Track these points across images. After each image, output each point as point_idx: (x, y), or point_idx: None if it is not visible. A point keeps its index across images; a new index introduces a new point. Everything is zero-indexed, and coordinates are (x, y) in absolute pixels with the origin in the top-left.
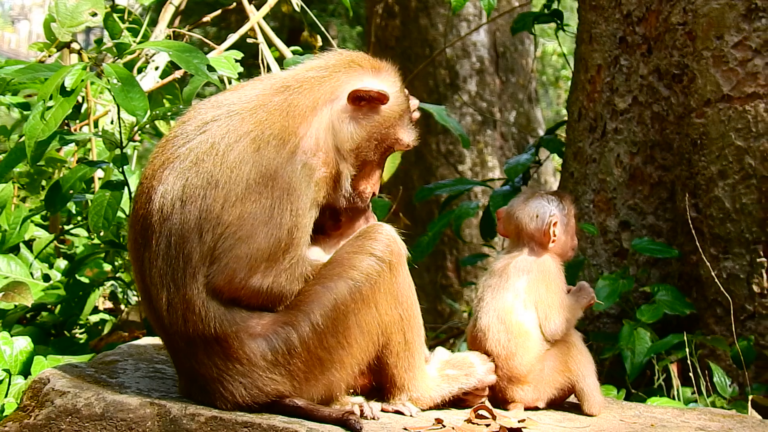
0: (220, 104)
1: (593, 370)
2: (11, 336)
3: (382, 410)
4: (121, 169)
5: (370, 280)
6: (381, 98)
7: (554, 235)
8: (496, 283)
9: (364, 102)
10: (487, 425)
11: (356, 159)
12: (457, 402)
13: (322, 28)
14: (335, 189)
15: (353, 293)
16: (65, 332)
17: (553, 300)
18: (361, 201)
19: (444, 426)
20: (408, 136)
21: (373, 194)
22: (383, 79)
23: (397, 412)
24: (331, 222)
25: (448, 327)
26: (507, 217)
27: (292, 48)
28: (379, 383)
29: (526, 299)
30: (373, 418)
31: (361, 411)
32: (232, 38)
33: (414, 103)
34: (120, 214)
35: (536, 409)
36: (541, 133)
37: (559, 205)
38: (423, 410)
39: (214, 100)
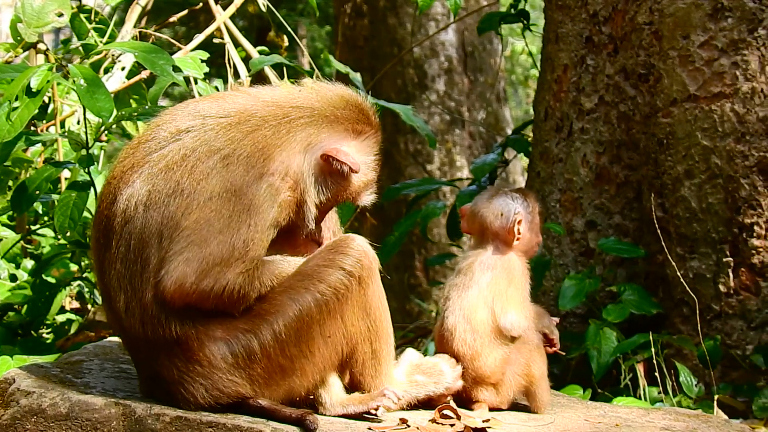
0: (197, 114)
1: (546, 372)
2: None
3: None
4: (87, 170)
5: (338, 294)
6: (351, 170)
7: (519, 233)
8: (461, 281)
9: (335, 167)
10: (452, 425)
11: (318, 206)
12: (423, 402)
13: (289, 29)
14: (297, 215)
15: (319, 305)
16: (32, 332)
17: (513, 295)
18: (317, 233)
19: (408, 426)
20: (367, 200)
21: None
22: (362, 144)
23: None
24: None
25: (416, 326)
26: (471, 215)
27: (259, 48)
28: (348, 386)
29: (487, 296)
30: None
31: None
32: (198, 38)
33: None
34: (86, 214)
35: (500, 409)
36: (510, 132)
37: (523, 203)
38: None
39: (192, 107)
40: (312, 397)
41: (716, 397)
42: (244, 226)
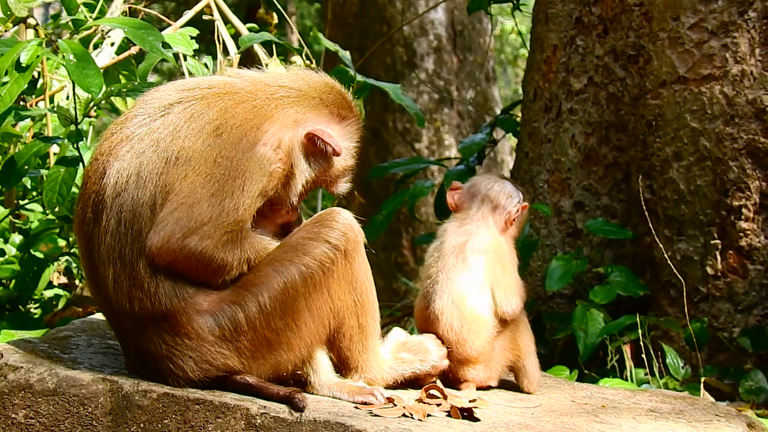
0: (185, 88)
1: (534, 349)
2: None
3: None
4: (76, 145)
5: (323, 267)
6: (334, 153)
7: (514, 221)
8: (451, 264)
9: (319, 147)
10: (438, 405)
11: (303, 185)
12: (410, 381)
13: (279, 6)
14: (284, 187)
15: (304, 278)
16: (20, 307)
17: (511, 281)
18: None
19: (395, 405)
20: (342, 188)
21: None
22: (345, 129)
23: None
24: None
25: (402, 305)
26: (470, 190)
27: (248, 25)
28: (336, 362)
29: (483, 282)
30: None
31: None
32: (188, 15)
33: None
34: (75, 189)
35: (488, 388)
36: (498, 112)
37: (523, 196)
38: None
39: (179, 84)
40: (300, 373)
41: (703, 379)
42: (237, 190)
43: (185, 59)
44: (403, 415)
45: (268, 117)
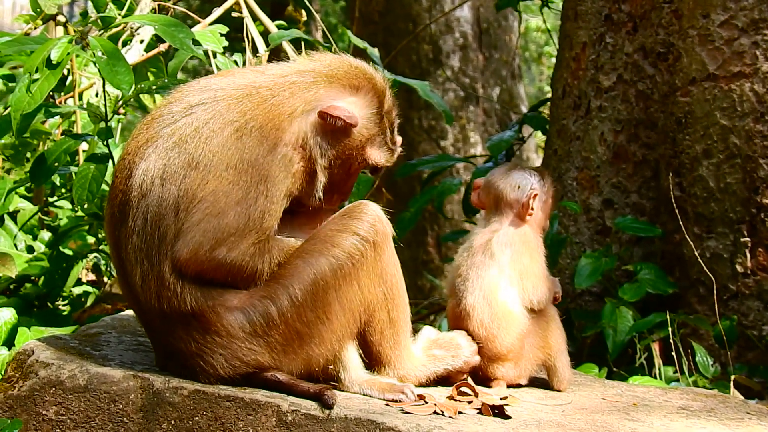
0: (208, 88)
1: (566, 347)
2: None
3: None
4: (105, 142)
5: (353, 258)
6: (347, 124)
7: (532, 209)
8: (480, 261)
9: (329, 123)
10: (469, 402)
11: (329, 170)
12: (441, 379)
13: (307, 3)
14: (308, 185)
15: (334, 270)
16: (48, 304)
17: (537, 270)
18: (329, 205)
19: (426, 402)
20: (379, 157)
21: (341, 201)
22: (360, 98)
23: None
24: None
25: (429, 303)
26: (486, 188)
27: (277, 22)
28: (367, 359)
29: (511, 275)
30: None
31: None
32: (217, 12)
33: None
34: (104, 187)
35: (518, 386)
36: (524, 109)
37: (539, 181)
38: None
39: (203, 83)
40: (330, 369)
41: (732, 377)
42: (261, 197)
43: (215, 56)
44: (434, 412)
45: (286, 113)
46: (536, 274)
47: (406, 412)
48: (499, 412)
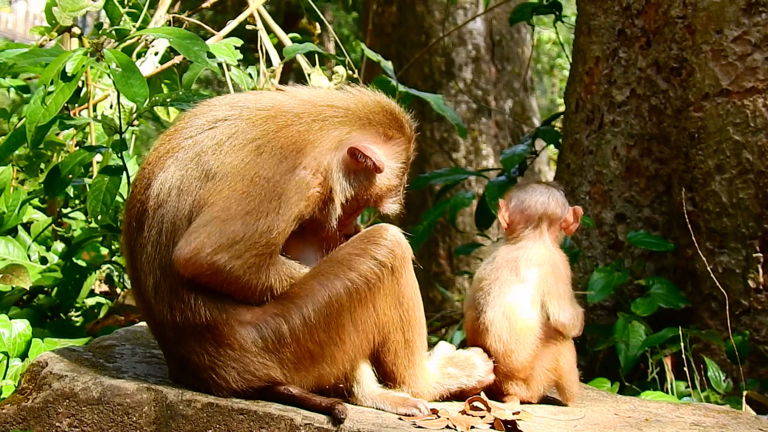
0: (234, 105)
1: (575, 365)
2: (9, 318)
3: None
4: (119, 154)
5: (369, 283)
6: (376, 169)
7: (575, 222)
8: (505, 277)
9: (360, 161)
10: (482, 417)
11: (344, 205)
12: (455, 395)
13: (321, 16)
14: (321, 212)
15: (350, 293)
16: (61, 315)
17: (564, 291)
18: (326, 234)
19: (439, 417)
20: (389, 208)
21: (351, 227)
22: (390, 148)
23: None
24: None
25: (440, 315)
26: (521, 205)
27: (291, 35)
28: (381, 376)
29: (534, 295)
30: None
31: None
32: (232, 24)
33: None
34: (118, 198)
35: (530, 403)
36: (536, 122)
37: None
38: None
39: (230, 99)
40: (343, 385)
41: (744, 392)
42: (272, 212)
43: (229, 69)
44: (447, 426)
45: (310, 141)
46: (562, 295)
47: (419, 427)
48: (511, 427)
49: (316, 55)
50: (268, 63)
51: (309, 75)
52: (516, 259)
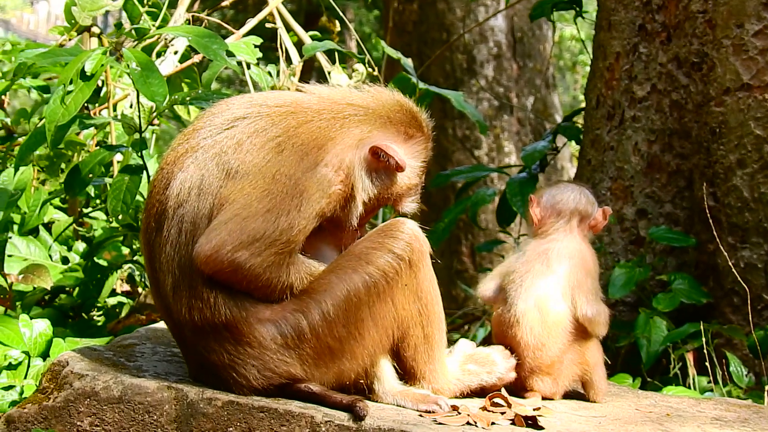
0: (253, 103)
1: (602, 360)
2: (30, 318)
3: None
4: (139, 154)
5: (387, 277)
6: (398, 168)
7: (605, 221)
8: (537, 269)
9: (382, 160)
10: (503, 413)
11: (365, 203)
12: (475, 391)
13: (341, 14)
14: (343, 209)
15: (368, 287)
16: (83, 314)
17: (592, 285)
18: (342, 233)
19: (459, 413)
20: (408, 208)
21: (365, 226)
22: (410, 147)
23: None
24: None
25: (463, 313)
26: (554, 206)
27: (311, 33)
28: (401, 372)
29: (564, 286)
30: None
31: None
32: (251, 23)
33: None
34: (138, 198)
35: (552, 399)
36: (558, 118)
37: None
38: None
39: (248, 97)
40: (363, 382)
41: (767, 387)
42: (294, 210)
43: (248, 68)
44: (467, 423)
45: (331, 138)
46: (590, 289)
47: (439, 423)
48: (532, 423)
49: (337, 53)
50: (288, 61)
51: (329, 73)
52: (547, 251)
